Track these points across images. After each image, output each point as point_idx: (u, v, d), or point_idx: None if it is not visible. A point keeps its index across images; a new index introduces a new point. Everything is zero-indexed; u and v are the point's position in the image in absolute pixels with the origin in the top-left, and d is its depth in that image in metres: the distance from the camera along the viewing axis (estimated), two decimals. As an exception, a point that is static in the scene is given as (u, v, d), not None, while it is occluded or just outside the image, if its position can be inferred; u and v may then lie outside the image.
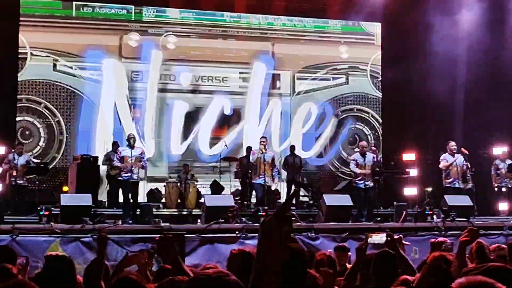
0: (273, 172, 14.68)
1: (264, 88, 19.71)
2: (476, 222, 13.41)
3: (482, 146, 16.52)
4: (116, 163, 13.17)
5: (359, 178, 14.09)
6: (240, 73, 19.73)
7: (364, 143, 14.70)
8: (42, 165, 15.35)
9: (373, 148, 16.04)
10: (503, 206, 15.38)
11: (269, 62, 19.88)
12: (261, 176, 14.36)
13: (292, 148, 16.72)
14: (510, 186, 15.56)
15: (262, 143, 14.70)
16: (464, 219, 13.32)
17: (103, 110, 18.23)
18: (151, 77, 18.84)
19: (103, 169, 15.74)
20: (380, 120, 20.36)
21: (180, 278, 3.75)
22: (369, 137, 19.99)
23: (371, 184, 14.21)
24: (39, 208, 12.01)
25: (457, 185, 14.61)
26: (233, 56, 19.67)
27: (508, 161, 15.67)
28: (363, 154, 14.18)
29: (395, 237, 7.38)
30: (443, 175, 14.87)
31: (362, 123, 20.51)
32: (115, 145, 15.60)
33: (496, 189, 15.64)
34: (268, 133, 19.22)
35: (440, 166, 14.68)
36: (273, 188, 15.30)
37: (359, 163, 14.07)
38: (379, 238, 5.56)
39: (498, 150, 16.01)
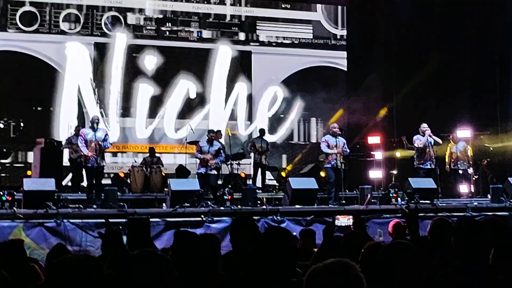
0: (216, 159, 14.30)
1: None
2: (440, 204, 13.58)
3: (446, 129, 16.66)
4: (83, 149, 12.87)
5: (331, 158, 14.03)
6: (205, 55, 19.49)
7: (336, 125, 14.65)
8: (4, 150, 15.10)
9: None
10: (463, 188, 15.56)
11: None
12: (202, 167, 14.11)
13: (262, 131, 16.65)
14: (464, 168, 15.73)
15: (210, 135, 14.42)
16: (428, 201, 13.45)
17: (66, 94, 17.94)
18: (115, 60, 18.58)
19: (66, 153, 15.54)
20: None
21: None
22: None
23: (341, 166, 14.18)
24: (1, 193, 11.80)
25: (428, 166, 14.70)
26: (198, 37, 19.60)
27: (462, 144, 15.82)
28: (335, 136, 14.15)
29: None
30: (415, 156, 14.94)
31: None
32: (77, 128, 15.38)
33: (448, 171, 15.81)
34: (234, 116, 19.25)
35: (415, 145, 14.72)
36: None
37: (330, 144, 14.04)
38: (345, 220, 5.60)
39: (462, 133, 16.16)
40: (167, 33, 19.36)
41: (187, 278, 4.24)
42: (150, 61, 18.96)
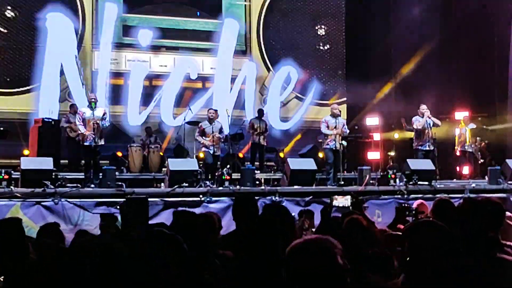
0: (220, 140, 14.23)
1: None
2: (438, 186, 13.58)
3: (445, 111, 16.66)
4: (81, 127, 12.81)
5: (330, 139, 14.02)
6: (208, 31, 18.63)
7: (336, 105, 14.67)
8: (1, 128, 15.04)
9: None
10: (465, 170, 15.60)
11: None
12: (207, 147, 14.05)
13: (260, 111, 16.61)
14: (471, 150, 15.77)
15: (210, 114, 14.31)
16: (426, 182, 13.44)
17: (47, 72, 16.92)
18: (104, 35, 17.42)
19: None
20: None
21: None
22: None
23: (340, 147, 14.16)
24: (-2, 172, 11.77)
25: (427, 148, 14.71)
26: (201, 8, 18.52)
27: (471, 125, 15.85)
28: (335, 117, 14.12)
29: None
30: (413, 137, 14.93)
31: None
32: (73, 107, 15.30)
33: (458, 153, 15.84)
34: (241, 99, 18.68)
35: (414, 126, 14.71)
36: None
37: (330, 125, 14.01)
38: (343, 200, 5.58)
39: (460, 114, 16.17)
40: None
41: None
42: (145, 36, 17.86)
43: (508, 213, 6.63)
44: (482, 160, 16.12)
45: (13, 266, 3.96)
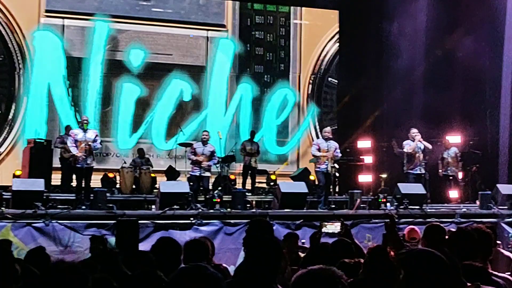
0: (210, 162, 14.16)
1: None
2: (429, 210, 13.61)
3: (436, 134, 16.72)
4: (73, 149, 12.80)
5: (321, 162, 14.03)
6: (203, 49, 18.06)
7: (328, 129, 14.71)
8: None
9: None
10: (453, 193, 15.64)
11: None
12: (196, 168, 14.03)
13: (252, 133, 16.66)
14: (454, 173, 15.83)
15: (204, 136, 14.29)
16: (417, 207, 13.48)
17: (34, 93, 16.48)
18: (94, 54, 16.95)
19: (56, 153, 15.45)
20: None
21: None
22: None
23: (331, 170, 14.19)
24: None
25: (418, 171, 14.79)
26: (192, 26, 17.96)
27: (453, 149, 15.93)
28: (327, 140, 14.19)
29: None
30: (404, 161, 14.98)
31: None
32: (68, 128, 15.32)
33: (440, 175, 15.91)
34: (236, 123, 18.31)
35: (405, 150, 14.80)
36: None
37: (322, 148, 14.06)
38: (333, 227, 5.60)
39: (452, 138, 16.26)
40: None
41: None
42: (137, 56, 17.31)
43: (499, 242, 6.69)
44: (463, 183, 16.20)
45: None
